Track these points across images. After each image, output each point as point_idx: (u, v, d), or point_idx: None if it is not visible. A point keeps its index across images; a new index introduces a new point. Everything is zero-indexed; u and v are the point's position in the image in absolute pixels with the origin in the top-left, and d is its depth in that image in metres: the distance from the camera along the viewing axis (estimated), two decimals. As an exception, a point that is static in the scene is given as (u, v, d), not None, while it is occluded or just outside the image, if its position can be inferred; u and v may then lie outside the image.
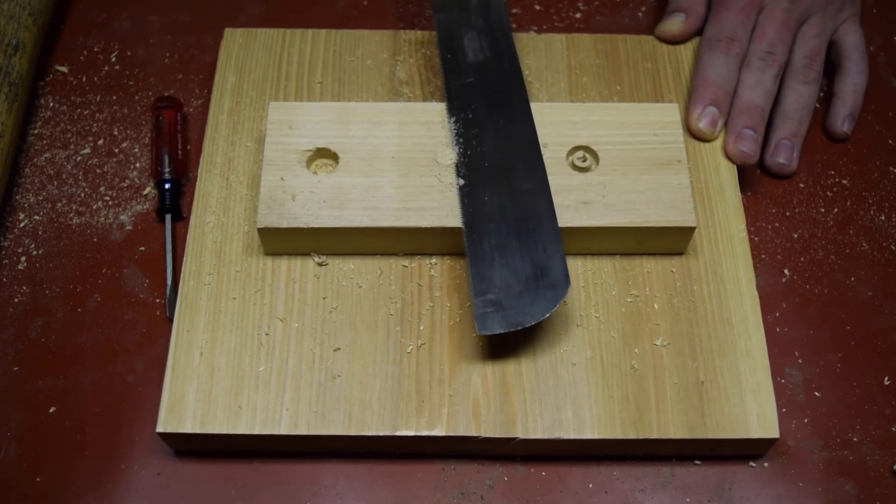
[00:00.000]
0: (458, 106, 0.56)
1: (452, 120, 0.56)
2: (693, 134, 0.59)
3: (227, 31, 0.64)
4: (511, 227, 0.51)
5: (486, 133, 0.55)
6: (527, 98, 0.57)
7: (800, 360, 0.55)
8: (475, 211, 0.52)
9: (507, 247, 0.51)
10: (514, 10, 0.69)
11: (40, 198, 0.60)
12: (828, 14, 0.63)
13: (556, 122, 0.56)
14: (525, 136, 0.55)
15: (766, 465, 0.51)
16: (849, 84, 0.63)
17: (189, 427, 0.49)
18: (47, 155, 0.62)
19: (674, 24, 0.64)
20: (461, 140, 0.55)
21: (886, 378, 0.54)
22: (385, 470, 0.51)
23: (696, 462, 0.51)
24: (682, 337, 0.52)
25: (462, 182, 0.53)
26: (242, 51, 0.63)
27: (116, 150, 0.62)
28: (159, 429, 0.49)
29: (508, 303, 0.49)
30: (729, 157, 0.59)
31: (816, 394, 0.54)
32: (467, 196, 0.53)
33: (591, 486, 0.51)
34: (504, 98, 0.57)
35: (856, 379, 0.54)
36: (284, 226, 0.52)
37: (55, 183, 0.61)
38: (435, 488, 0.50)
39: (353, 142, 0.55)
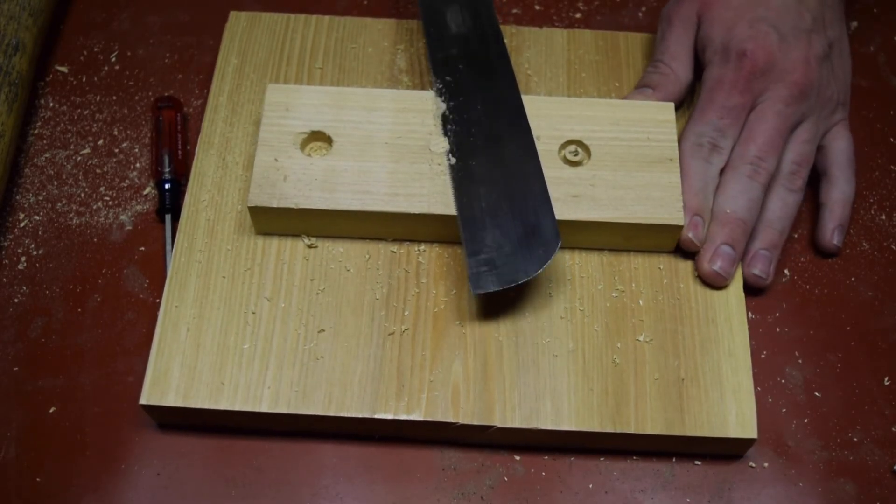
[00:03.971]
0: (443, 77, 0.57)
1: (439, 89, 0.56)
2: (680, 242, 0.54)
3: (232, 14, 0.65)
4: (501, 189, 0.52)
5: (473, 101, 0.56)
6: (510, 67, 0.57)
7: (800, 360, 0.55)
8: (465, 175, 0.53)
9: (498, 209, 0.52)
10: (514, 10, 0.69)
11: (40, 198, 0.60)
12: (821, 118, 0.58)
13: (549, 116, 0.56)
14: (510, 102, 0.56)
15: (766, 465, 0.51)
16: (837, 193, 0.58)
17: (172, 401, 0.50)
18: (47, 155, 0.62)
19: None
20: (449, 109, 0.56)
21: (886, 378, 0.54)
22: (385, 470, 0.51)
23: (696, 462, 0.51)
24: (665, 334, 0.53)
25: (452, 150, 0.54)
26: (246, 34, 0.64)
27: (116, 150, 0.62)
28: (142, 401, 0.50)
29: (501, 261, 0.50)
30: (699, 275, 0.54)
31: (816, 394, 0.54)
32: (457, 162, 0.54)
33: (591, 486, 0.51)
34: (488, 68, 0.57)
35: (856, 379, 0.54)
36: (275, 205, 0.53)
37: (55, 183, 0.61)
38: (435, 488, 0.50)
39: (347, 126, 0.56)
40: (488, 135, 0.54)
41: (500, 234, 0.51)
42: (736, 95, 0.56)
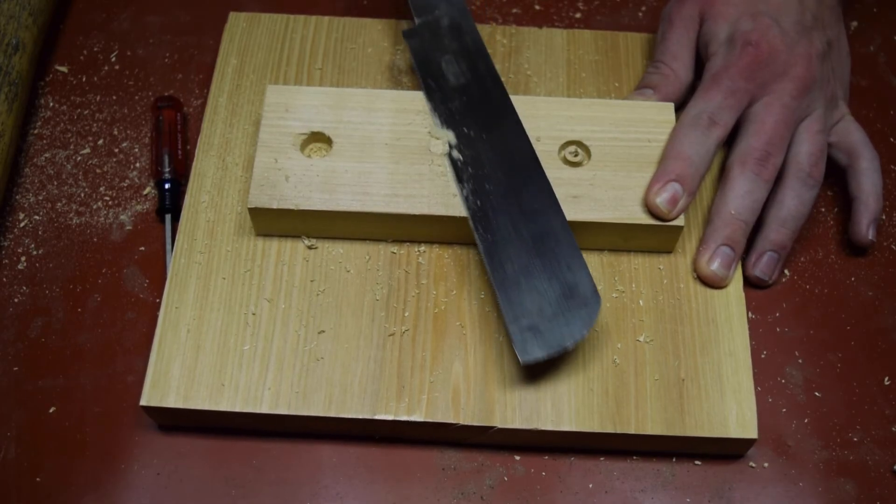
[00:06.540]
0: (451, 130, 0.55)
1: (450, 145, 0.55)
2: (649, 210, 0.53)
3: (232, 15, 0.65)
4: (530, 248, 0.51)
5: (484, 156, 0.54)
6: (516, 116, 0.56)
7: (800, 360, 0.55)
8: (492, 237, 0.52)
9: (531, 268, 0.50)
10: (514, 10, 0.69)
11: (40, 198, 0.60)
12: (827, 111, 0.57)
13: (550, 116, 0.56)
14: (523, 154, 0.54)
15: (766, 465, 0.51)
16: (868, 184, 0.57)
17: (172, 402, 0.50)
18: (47, 155, 0.62)
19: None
20: (461, 167, 0.54)
21: (886, 378, 0.54)
22: (385, 470, 0.51)
23: (696, 462, 0.51)
24: (665, 334, 0.53)
25: (473, 210, 0.53)
26: (245, 35, 0.64)
27: (116, 150, 0.62)
28: (143, 402, 0.50)
29: (544, 326, 0.49)
30: (697, 275, 0.54)
31: (816, 394, 0.54)
32: (480, 223, 0.52)
33: (591, 486, 0.51)
34: (495, 118, 0.56)
35: (856, 379, 0.54)
36: (275, 206, 0.53)
37: (55, 183, 0.61)
38: (435, 488, 0.50)
39: (347, 127, 0.56)
40: (506, 190, 0.53)
41: (538, 295, 0.50)
42: (741, 80, 0.55)
